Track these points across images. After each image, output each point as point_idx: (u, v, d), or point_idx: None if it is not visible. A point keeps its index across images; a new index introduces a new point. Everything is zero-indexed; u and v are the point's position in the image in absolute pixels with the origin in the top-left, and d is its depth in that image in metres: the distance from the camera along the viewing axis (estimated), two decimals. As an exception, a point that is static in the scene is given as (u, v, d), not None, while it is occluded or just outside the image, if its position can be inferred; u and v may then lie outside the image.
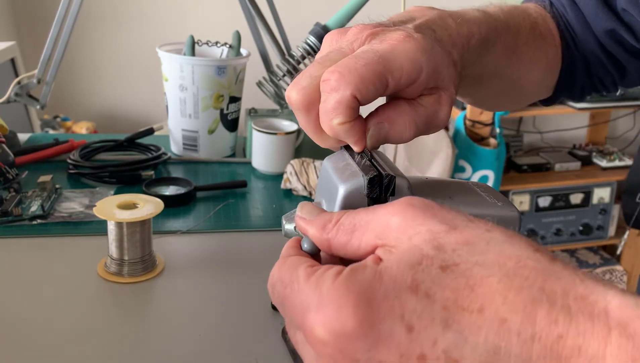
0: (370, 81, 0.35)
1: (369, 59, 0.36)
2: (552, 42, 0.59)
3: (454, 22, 0.45)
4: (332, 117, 0.36)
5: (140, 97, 2.77)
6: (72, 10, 1.05)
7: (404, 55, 0.37)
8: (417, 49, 0.37)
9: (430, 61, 0.38)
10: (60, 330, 0.58)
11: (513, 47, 0.53)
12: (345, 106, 0.36)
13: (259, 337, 0.59)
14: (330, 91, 0.36)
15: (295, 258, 0.32)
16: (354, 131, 0.37)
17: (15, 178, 0.88)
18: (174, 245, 0.76)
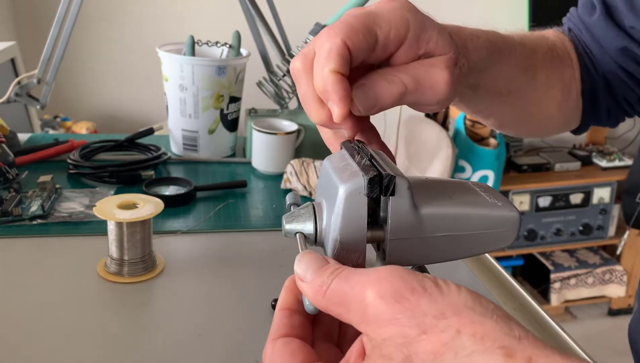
0: (359, 30, 0.37)
1: (357, 13, 0.38)
2: (569, 64, 0.60)
3: (450, 24, 0.46)
4: (324, 64, 0.37)
5: (140, 97, 2.78)
6: (72, 10, 1.05)
7: (391, 11, 0.39)
8: (403, 7, 0.39)
9: (417, 18, 0.40)
10: (60, 330, 0.58)
11: (528, 63, 0.54)
12: (336, 53, 0.37)
13: (259, 337, 0.59)
14: (322, 43, 0.37)
15: (285, 344, 0.35)
16: (341, 85, 0.37)
17: (15, 178, 0.88)
18: (174, 245, 0.76)
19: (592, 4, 0.61)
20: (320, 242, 0.43)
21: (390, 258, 0.41)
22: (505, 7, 3.08)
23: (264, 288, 0.67)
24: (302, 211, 0.44)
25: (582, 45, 0.61)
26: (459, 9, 2.98)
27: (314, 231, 0.43)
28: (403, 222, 0.40)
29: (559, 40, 0.61)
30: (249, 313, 0.63)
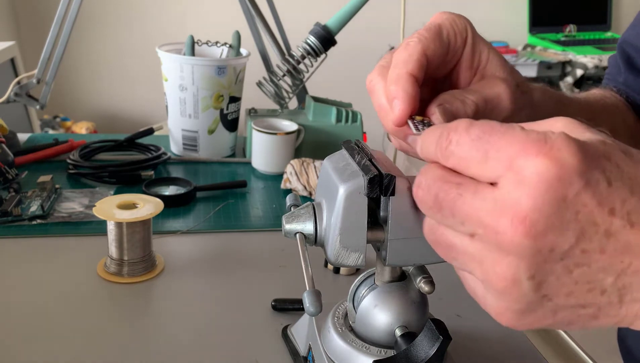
0: (435, 39, 0.41)
1: (427, 27, 0.41)
2: (627, 110, 0.63)
3: None
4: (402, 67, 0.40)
5: (140, 97, 2.78)
6: (72, 10, 1.05)
7: (451, 20, 0.42)
8: (460, 17, 0.43)
9: (472, 28, 0.43)
10: (60, 330, 0.58)
11: (589, 113, 0.56)
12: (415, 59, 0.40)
13: (259, 337, 0.59)
14: (399, 53, 0.41)
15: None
16: (413, 86, 0.39)
17: (15, 178, 0.88)
18: (174, 245, 0.76)
19: (617, 64, 0.67)
20: (320, 242, 0.43)
21: (391, 258, 0.41)
22: (505, 7, 3.07)
23: (264, 288, 0.67)
24: (302, 211, 0.44)
25: (630, 98, 0.64)
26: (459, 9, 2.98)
27: (313, 231, 0.43)
28: (403, 222, 0.40)
29: (608, 93, 0.64)
30: (249, 313, 0.63)
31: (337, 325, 0.48)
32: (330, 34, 0.98)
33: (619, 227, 0.29)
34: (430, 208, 0.32)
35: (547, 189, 0.28)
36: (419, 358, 0.41)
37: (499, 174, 0.30)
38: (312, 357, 0.50)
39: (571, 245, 0.29)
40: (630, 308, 0.30)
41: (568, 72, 2.80)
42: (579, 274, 0.29)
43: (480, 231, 0.30)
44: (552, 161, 0.28)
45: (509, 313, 0.31)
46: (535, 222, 0.28)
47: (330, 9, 1.07)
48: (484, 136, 0.30)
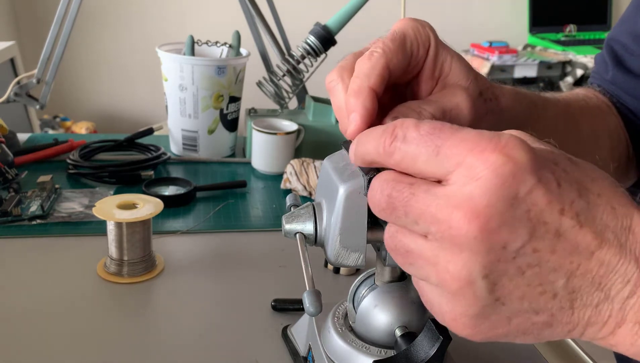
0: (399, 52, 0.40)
1: (393, 37, 0.41)
2: (610, 112, 0.63)
3: None
4: (363, 80, 0.39)
5: (140, 97, 2.77)
6: (72, 10, 1.05)
7: (415, 29, 0.42)
8: (425, 26, 0.42)
9: (436, 38, 0.42)
10: (60, 330, 0.58)
11: (566, 116, 0.56)
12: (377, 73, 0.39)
13: (259, 337, 0.59)
14: (363, 63, 0.40)
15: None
16: (372, 102, 0.39)
17: (15, 178, 0.87)
18: (174, 245, 0.76)
19: (605, 60, 0.66)
20: (320, 242, 0.43)
21: (390, 259, 0.41)
22: (505, 7, 3.08)
23: (264, 288, 0.67)
24: (302, 211, 0.44)
25: (615, 97, 0.64)
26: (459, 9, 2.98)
27: (313, 231, 0.43)
28: (403, 222, 0.40)
29: (591, 94, 0.64)
30: (249, 313, 0.63)
31: (337, 325, 0.48)
32: (330, 33, 0.97)
33: (568, 227, 0.29)
34: (384, 209, 0.32)
35: (501, 185, 0.28)
36: (419, 359, 0.41)
37: (449, 170, 0.30)
38: (312, 357, 0.50)
39: (523, 242, 0.29)
40: (581, 314, 0.31)
41: (568, 72, 2.80)
42: (531, 275, 0.30)
43: (434, 229, 0.30)
44: (507, 158, 0.29)
45: (465, 318, 0.31)
46: (489, 217, 0.28)
47: (330, 9, 1.07)
48: (434, 131, 0.31)
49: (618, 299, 0.30)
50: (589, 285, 0.30)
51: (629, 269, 0.30)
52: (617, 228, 0.30)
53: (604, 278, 0.30)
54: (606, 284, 0.30)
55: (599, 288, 0.30)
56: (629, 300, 0.30)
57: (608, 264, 0.30)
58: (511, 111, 0.47)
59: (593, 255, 0.30)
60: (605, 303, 0.30)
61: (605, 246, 0.30)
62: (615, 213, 0.30)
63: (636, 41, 0.63)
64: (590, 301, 0.30)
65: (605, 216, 0.30)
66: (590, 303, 0.30)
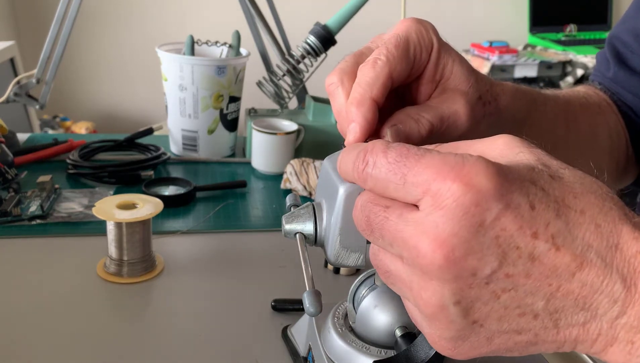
0: (402, 59, 0.40)
1: (397, 43, 0.40)
2: (611, 110, 0.63)
3: None
4: (366, 90, 0.39)
5: (139, 97, 2.77)
6: (72, 10, 1.04)
7: (419, 33, 0.41)
8: (428, 29, 0.42)
9: (439, 42, 0.42)
10: (60, 330, 0.58)
11: (566, 113, 0.56)
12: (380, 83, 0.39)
13: (259, 337, 0.59)
14: (367, 70, 0.40)
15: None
16: (374, 114, 0.39)
17: (15, 178, 0.87)
18: (174, 245, 0.76)
19: (606, 58, 0.66)
20: (320, 242, 0.43)
21: None
22: (505, 6, 3.07)
23: (264, 288, 0.67)
24: (302, 211, 0.43)
25: (616, 95, 0.64)
26: (460, 9, 2.98)
27: (313, 231, 0.43)
28: (403, 222, 0.40)
29: (592, 91, 0.64)
30: (249, 313, 0.62)
31: (337, 325, 0.48)
32: (330, 33, 0.97)
33: (543, 250, 0.29)
34: (364, 229, 0.33)
35: (463, 214, 0.28)
36: (419, 359, 0.40)
37: (417, 198, 0.30)
38: (312, 357, 0.50)
39: (493, 269, 0.29)
40: (567, 333, 0.30)
41: (568, 72, 2.80)
42: (507, 299, 0.29)
43: (406, 254, 0.30)
44: (468, 186, 0.28)
45: (443, 341, 0.31)
46: (453, 247, 0.28)
47: (330, 9, 1.07)
48: (400, 159, 0.31)
49: (607, 318, 0.29)
50: (572, 305, 0.29)
51: (615, 289, 0.29)
52: (602, 247, 0.29)
53: (588, 298, 0.29)
54: (591, 304, 0.29)
55: (583, 308, 0.29)
56: (618, 320, 0.29)
57: (591, 285, 0.29)
58: (510, 111, 0.47)
59: (574, 276, 0.29)
60: (593, 323, 0.30)
61: (587, 267, 0.29)
62: (600, 230, 0.29)
63: (638, 39, 0.63)
64: (576, 321, 0.30)
65: (588, 234, 0.29)
66: (576, 323, 0.30)
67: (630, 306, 0.29)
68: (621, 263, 0.29)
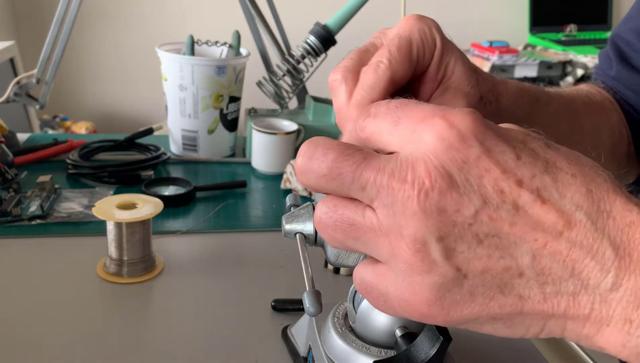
0: (405, 60, 0.40)
1: (399, 44, 0.40)
2: (613, 109, 0.63)
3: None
4: (368, 93, 0.40)
5: (139, 97, 2.77)
6: (72, 10, 1.04)
7: (422, 33, 0.41)
8: (431, 27, 0.42)
9: (442, 40, 0.42)
10: (60, 331, 0.58)
11: (569, 112, 0.55)
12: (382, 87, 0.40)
13: (259, 337, 0.59)
14: (368, 75, 0.40)
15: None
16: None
17: (15, 178, 0.87)
18: (174, 245, 0.76)
19: (609, 57, 0.66)
20: (320, 242, 0.43)
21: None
22: (505, 6, 3.07)
23: (264, 288, 0.67)
24: (302, 211, 0.43)
25: (618, 93, 0.64)
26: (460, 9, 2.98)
27: (313, 231, 0.43)
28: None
29: (595, 90, 0.63)
30: (249, 314, 0.62)
31: (337, 325, 0.48)
32: (331, 33, 0.97)
33: (528, 201, 0.28)
34: (325, 175, 0.31)
35: (447, 148, 0.28)
36: (419, 359, 0.40)
37: (406, 139, 0.30)
38: (312, 358, 0.50)
39: (477, 209, 0.28)
40: (555, 303, 0.29)
41: (568, 72, 2.80)
42: (490, 245, 0.28)
43: (384, 194, 0.29)
44: (450, 124, 0.28)
45: (425, 290, 0.29)
46: (438, 178, 0.28)
47: (330, 9, 1.07)
48: (400, 105, 0.31)
49: (600, 291, 0.28)
50: (561, 268, 0.28)
51: (607, 256, 0.27)
52: (592, 211, 0.28)
53: (577, 263, 0.28)
54: (582, 271, 0.28)
55: (573, 274, 0.28)
56: (613, 294, 0.28)
57: (581, 246, 0.28)
58: (512, 110, 0.47)
59: (561, 235, 0.28)
60: (585, 295, 0.28)
61: (576, 227, 0.28)
62: (592, 195, 0.28)
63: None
64: (565, 289, 0.28)
65: (578, 196, 0.28)
66: (565, 291, 0.28)
67: (626, 278, 0.27)
68: (613, 231, 0.28)
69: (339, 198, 0.32)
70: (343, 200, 0.31)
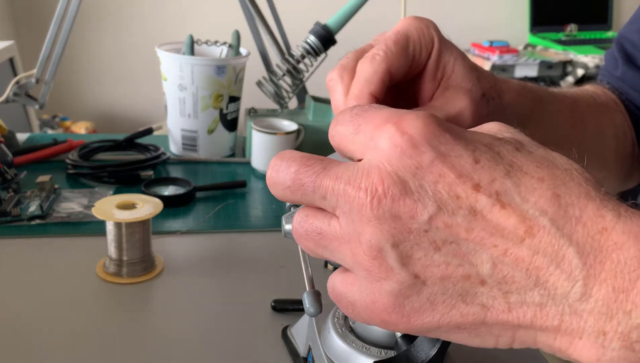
0: (401, 55, 0.40)
1: (396, 39, 0.41)
2: (618, 109, 0.63)
3: None
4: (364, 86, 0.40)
5: (139, 97, 2.77)
6: (71, 9, 1.04)
7: (419, 31, 0.41)
8: (429, 26, 0.42)
9: (440, 39, 0.42)
10: (59, 331, 0.58)
11: (573, 112, 0.55)
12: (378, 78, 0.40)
13: (259, 337, 0.59)
14: (365, 66, 0.40)
15: None
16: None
17: (14, 178, 0.87)
18: (174, 245, 0.76)
19: (615, 57, 0.66)
20: (320, 242, 0.43)
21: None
22: (506, 6, 3.07)
23: (264, 289, 0.66)
24: (302, 212, 0.43)
25: (624, 94, 0.64)
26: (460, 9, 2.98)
27: (314, 231, 0.43)
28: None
29: (599, 90, 0.63)
30: (249, 314, 0.62)
31: (337, 325, 0.48)
32: (331, 33, 0.97)
33: (486, 205, 0.27)
34: (289, 187, 0.32)
35: (400, 154, 0.28)
36: (419, 359, 0.40)
37: (366, 146, 0.30)
38: (312, 358, 0.50)
39: (431, 215, 0.27)
40: (520, 313, 0.27)
41: (569, 71, 2.79)
42: (448, 252, 0.28)
43: (342, 201, 0.29)
44: (401, 130, 0.29)
45: (385, 297, 0.29)
46: (391, 184, 0.28)
47: (330, 9, 1.07)
48: (360, 112, 0.31)
49: (569, 301, 0.26)
50: (524, 277, 0.27)
51: (573, 263, 0.26)
52: (559, 216, 0.26)
53: (542, 271, 0.26)
54: (547, 279, 0.26)
55: (537, 283, 0.27)
56: (583, 304, 0.26)
57: (544, 253, 0.26)
58: (514, 108, 0.47)
59: (523, 241, 0.27)
60: (553, 305, 0.27)
61: (539, 233, 0.26)
62: (559, 200, 0.27)
63: None
64: (531, 299, 0.27)
65: (542, 201, 0.27)
66: (530, 302, 0.27)
67: (596, 288, 0.26)
68: (582, 238, 0.26)
69: (310, 208, 0.32)
70: (313, 210, 0.32)
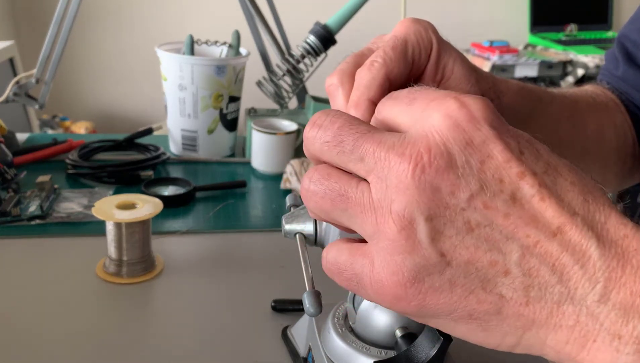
0: (400, 60, 0.40)
1: (394, 45, 0.40)
2: (618, 109, 0.62)
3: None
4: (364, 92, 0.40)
5: (139, 97, 2.77)
6: (71, 10, 1.04)
7: (418, 34, 0.41)
8: (427, 29, 0.42)
9: (439, 41, 0.42)
10: (59, 331, 0.58)
11: (572, 111, 0.55)
12: (378, 84, 0.39)
13: (259, 337, 0.59)
14: (364, 74, 0.40)
15: None
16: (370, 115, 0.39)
17: (14, 178, 0.87)
18: (174, 245, 0.76)
19: (615, 57, 0.66)
20: (320, 242, 0.43)
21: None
22: (506, 6, 3.07)
23: (264, 289, 0.66)
24: (302, 211, 0.43)
25: (624, 94, 0.63)
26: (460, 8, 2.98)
27: (313, 231, 0.43)
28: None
29: (599, 90, 0.63)
30: (248, 314, 0.62)
31: (337, 325, 0.48)
32: (331, 33, 0.97)
33: (527, 194, 0.27)
34: (328, 142, 0.31)
35: (454, 126, 0.28)
36: (420, 359, 0.40)
37: (416, 117, 0.30)
38: (312, 358, 0.50)
39: (472, 193, 0.27)
40: (537, 308, 0.27)
41: (569, 71, 2.79)
42: (480, 235, 0.27)
43: (380, 166, 0.29)
44: (461, 103, 0.28)
45: (404, 271, 0.28)
46: (438, 155, 0.27)
47: (331, 9, 1.07)
48: (419, 89, 0.31)
49: (587, 303, 0.26)
50: (549, 272, 0.27)
51: (597, 265, 0.26)
52: (589, 218, 0.27)
53: (567, 269, 0.27)
54: (570, 278, 0.26)
55: (561, 280, 0.27)
56: (601, 307, 0.26)
57: (572, 252, 0.26)
58: (513, 108, 0.47)
59: (555, 236, 0.27)
60: (570, 305, 0.27)
61: (571, 231, 0.27)
62: (588, 205, 0.27)
63: None
64: (550, 296, 0.27)
65: (575, 202, 0.27)
66: (549, 298, 0.27)
67: (615, 291, 0.26)
68: (608, 242, 0.27)
69: (333, 167, 0.31)
70: (338, 170, 0.31)
